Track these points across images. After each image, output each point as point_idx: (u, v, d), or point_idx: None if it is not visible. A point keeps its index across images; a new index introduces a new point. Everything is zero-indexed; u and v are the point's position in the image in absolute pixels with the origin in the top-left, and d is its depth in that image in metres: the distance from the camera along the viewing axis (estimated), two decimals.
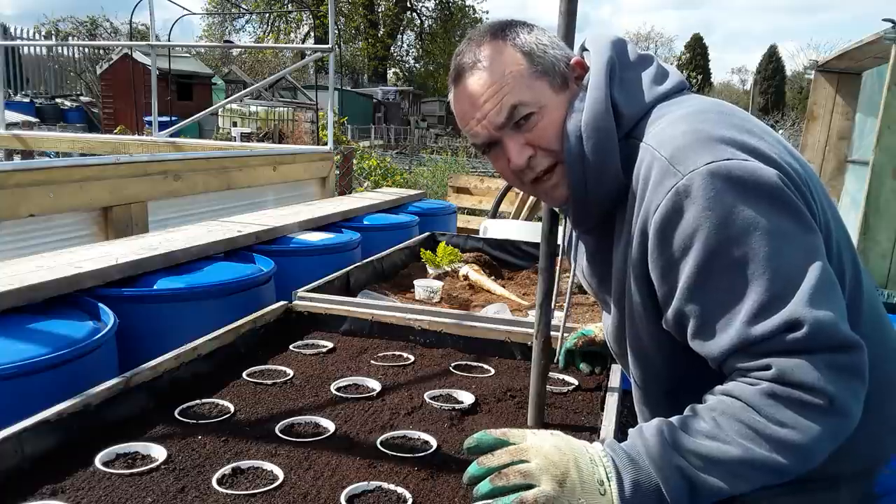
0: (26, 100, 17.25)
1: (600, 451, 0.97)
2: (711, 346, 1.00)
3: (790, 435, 0.92)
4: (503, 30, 1.14)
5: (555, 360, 1.53)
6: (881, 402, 1.15)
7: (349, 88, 29.60)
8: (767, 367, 0.94)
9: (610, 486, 0.94)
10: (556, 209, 1.31)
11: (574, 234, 1.37)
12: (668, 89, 1.15)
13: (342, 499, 1.04)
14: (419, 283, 2.37)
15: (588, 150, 1.09)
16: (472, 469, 0.95)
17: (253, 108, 20.46)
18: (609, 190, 1.12)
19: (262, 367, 1.58)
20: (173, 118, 10.42)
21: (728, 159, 0.96)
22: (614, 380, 1.49)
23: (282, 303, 1.94)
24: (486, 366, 1.67)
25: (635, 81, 1.15)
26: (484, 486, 0.93)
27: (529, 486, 0.92)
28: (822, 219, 1.05)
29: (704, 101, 1.12)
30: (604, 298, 1.33)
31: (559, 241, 1.44)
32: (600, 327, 1.59)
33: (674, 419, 1.00)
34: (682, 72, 1.34)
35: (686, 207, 0.97)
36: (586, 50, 1.19)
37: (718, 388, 1.01)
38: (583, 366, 1.58)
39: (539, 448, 0.96)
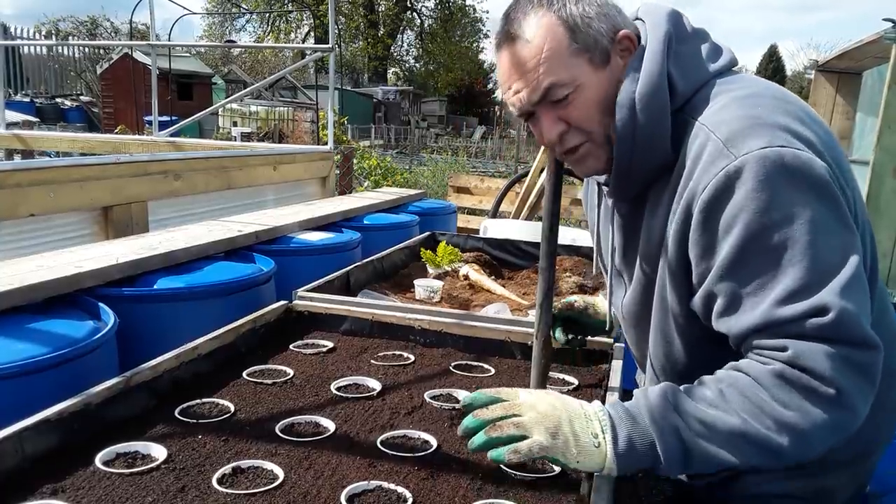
0: (26, 99, 17.26)
1: (598, 408, 1.01)
2: (735, 322, 1.00)
3: (792, 417, 0.93)
4: (547, 1, 1.11)
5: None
6: (884, 390, 1.16)
7: (349, 88, 29.61)
8: (784, 349, 0.95)
9: (605, 439, 0.97)
10: (598, 179, 1.30)
11: (602, 209, 1.37)
12: (722, 66, 1.14)
13: (342, 498, 1.04)
14: (419, 283, 2.37)
15: (641, 121, 1.08)
16: (468, 421, 0.99)
17: (253, 108, 20.46)
18: (655, 164, 1.11)
19: (263, 366, 1.58)
20: (173, 118, 10.43)
21: (782, 146, 0.96)
22: (614, 379, 1.49)
23: (282, 302, 1.94)
24: (486, 365, 1.67)
25: (691, 56, 1.13)
26: (479, 438, 0.97)
27: (523, 437, 0.96)
28: (856, 211, 1.05)
29: (759, 83, 1.11)
30: (622, 272, 1.32)
31: (584, 211, 1.45)
32: (582, 297, 1.60)
33: (682, 386, 1.02)
34: None
35: (735, 189, 0.97)
36: (639, 19, 1.17)
37: (734, 363, 1.01)
38: (559, 334, 1.57)
39: (533, 403, 1.00)
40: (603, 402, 1.32)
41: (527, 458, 0.97)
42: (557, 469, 1.14)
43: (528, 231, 3.71)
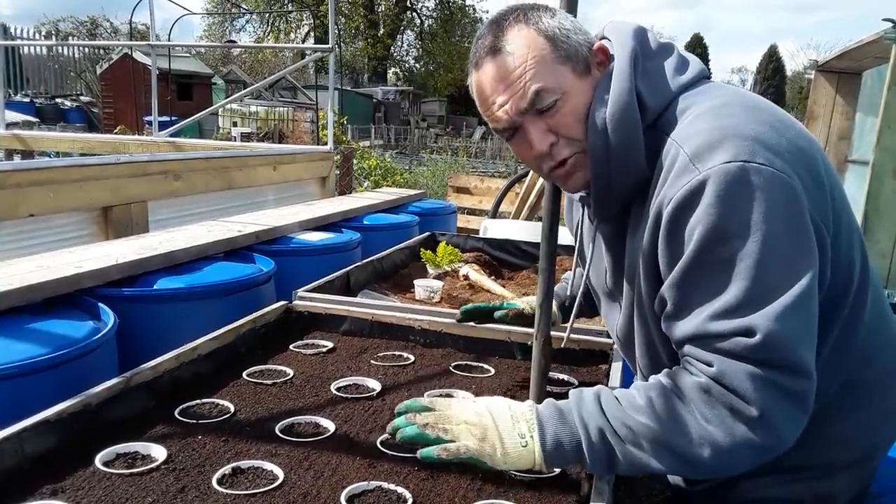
0: (26, 100, 17.26)
1: (526, 408, 1.06)
2: (675, 330, 1.03)
3: (713, 433, 0.96)
4: (526, 13, 1.12)
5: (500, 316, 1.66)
6: (881, 392, 1.16)
7: (349, 88, 29.61)
8: (710, 364, 0.97)
9: (532, 438, 1.02)
10: (577, 198, 1.31)
11: (585, 228, 1.37)
12: (691, 78, 1.14)
13: (342, 499, 1.04)
14: (419, 283, 2.37)
15: (613, 142, 1.08)
16: (399, 421, 1.06)
17: (253, 108, 20.46)
18: (632, 182, 1.11)
19: (262, 366, 1.58)
20: (173, 118, 10.42)
21: (746, 161, 0.95)
22: (614, 380, 1.49)
23: (282, 303, 1.94)
24: (486, 366, 1.67)
25: (658, 71, 1.13)
26: (411, 430, 1.04)
27: (451, 441, 1.02)
28: (833, 207, 1.04)
29: (729, 92, 1.11)
30: (612, 292, 1.33)
31: (571, 233, 1.46)
32: (529, 302, 1.67)
33: (616, 390, 1.06)
34: None
35: (697, 203, 0.97)
36: (605, 39, 1.18)
37: (665, 370, 1.05)
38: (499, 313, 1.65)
39: (459, 414, 1.06)
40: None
41: (455, 458, 1.02)
42: (557, 469, 1.15)
43: (528, 231, 3.71)
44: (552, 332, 1.34)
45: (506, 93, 1.11)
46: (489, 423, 1.04)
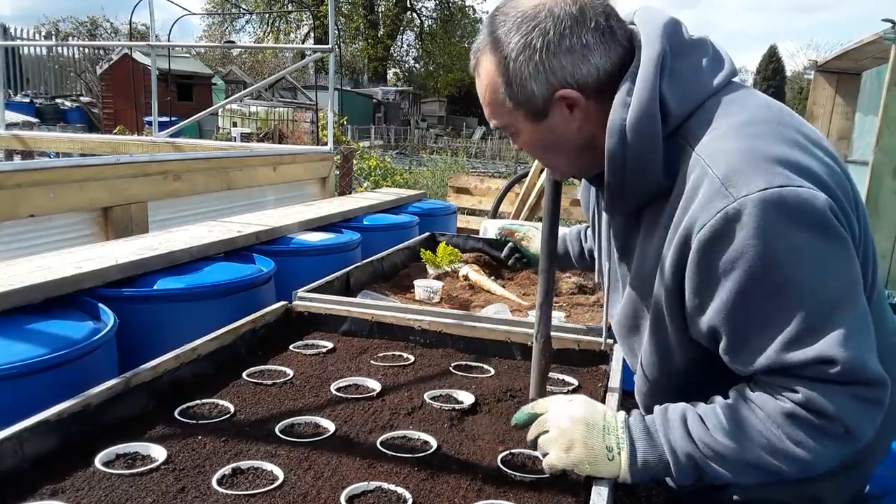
0: (26, 100, 17.26)
1: (620, 421, 1.09)
2: (741, 361, 1.04)
3: (801, 453, 0.99)
4: (497, 39, 1.10)
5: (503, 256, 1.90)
6: None
7: (349, 88, 29.59)
8: (795, 391, 0.99)
9: (620, 454, 1.06)
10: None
11: (599, 210, 1.40)
12: (720, 82, 1.10)
13: (342, 499, 1.04)
14: (419, 284, 2.37)
15: (631, 149, 1.07)
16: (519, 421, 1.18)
17: (253, 109, 20.45)
18: (648, 188, 1.11)
19: (262, 367, 1.58)
20: (173, 118, 10.42)
21: (782, 185, 0.95)
22: (614, 380, 1.49)
23: (282, 303, 1.94)
24: (486, 366, 1.67)
25: (687, 73, 1.09)
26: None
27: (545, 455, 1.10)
28: (858, 223, 1.06)
29: (756, 104, 1.09)
30: (618, 282, 1.34)
31: (582, 211, 1.50)
32: (522, 228, 1.89)
33: (699, 408, 1.08)
34: None
35: (735, 232, 0.97)
36: (632, 24, 1.14)
37: (747, 391, 1.06)
38: (510, 258, 1.80)
39: (556, 418, 1.10)
40: (603, 402, 1.32)
41: (550, 473, 1.10)
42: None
43: None
44: (552, 333, 1.34)
45: (485, 108, 1.20)
46: (576, 435, 1.07)
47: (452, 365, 1.67)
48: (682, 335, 1.15)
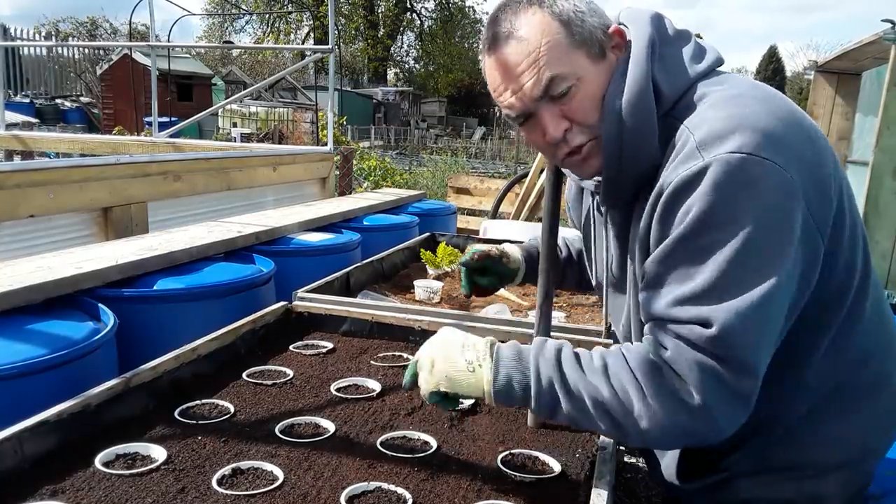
0: (26, 100, 17.27)
1: (482, 341, 1.12)
2: (645, 306, 1.06)
3: (655, 410, 0.99)
4: None
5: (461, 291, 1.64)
6: (875, 394, 1.16)
7: (349, 89, 29.61)
8: (666, 347, 1.00)
9: (482, 367, 1.08)
10: (591, 186, 1.30)
11: (595, 219, 1.37)
12: (707, 67, 1.12)
13: (342, 499, 1.04)
14: (419, 284, 2.37)
15: (628, 128, 1.07)
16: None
17: (253, 109, 20.46)
18: (643, 169, 1.10)
19: (262, 367, 1.58)
20: (173, 119, 10.42)
21: (749, 153, 0.95)
22: None
23: (282, 303, 1.94)
24: None
25: (675, 58, 1.12)
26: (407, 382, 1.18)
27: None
28: (836, 210, 1.04)
29: (745, 83, 1.10)
30: (619, 282, 1.31)
31: (575, 226, 1.47)
32: (496, 246, 1.68)
33: (579, 349, 1.10)
34: None
35: (695, 188, 0.97)
36: (622, 24, 1.16)
37: (627, 343, 1.10)
38: (485, 280, 1.62)
39: (422, 351, 1.16)
40: None
41: (428, 400, 1.13)
42: (557, 470, 1.15)
43: (528, 232, 3.71)
44: (552, 333, 1.34)
45: (519, 79, 1.09)
46: (438, 352, 1.11)
47: None
48: None
